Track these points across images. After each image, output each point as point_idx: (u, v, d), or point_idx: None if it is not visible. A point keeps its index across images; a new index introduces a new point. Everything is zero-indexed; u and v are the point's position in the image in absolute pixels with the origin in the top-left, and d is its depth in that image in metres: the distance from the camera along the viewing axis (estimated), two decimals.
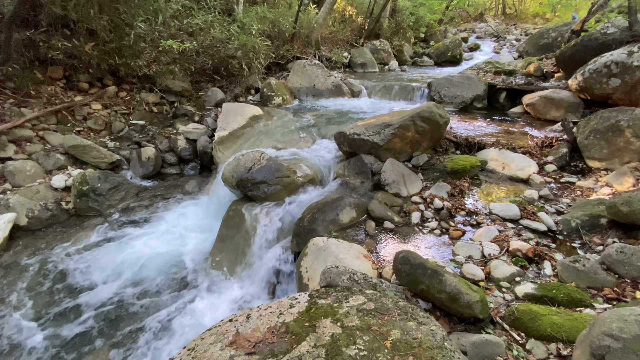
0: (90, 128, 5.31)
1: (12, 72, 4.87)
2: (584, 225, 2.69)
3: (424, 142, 3.84)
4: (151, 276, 3.39)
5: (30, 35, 4.95)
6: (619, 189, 3.14)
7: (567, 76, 5.72)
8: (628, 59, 4.34)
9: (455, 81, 6.29)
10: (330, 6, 9.33)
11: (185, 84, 6.56)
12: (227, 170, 3.63)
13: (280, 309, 1.76)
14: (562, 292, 2.03)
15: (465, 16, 21.76)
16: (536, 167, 3.68)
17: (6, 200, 3.83)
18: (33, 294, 3.17)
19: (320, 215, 2.98)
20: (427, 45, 13.67)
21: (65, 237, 3.89)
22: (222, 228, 3.56)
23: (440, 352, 1.41)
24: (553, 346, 1.73)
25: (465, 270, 2.31)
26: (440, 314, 1.97)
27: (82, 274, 3.40)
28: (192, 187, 4.99)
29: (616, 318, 1.33)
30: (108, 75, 6.05)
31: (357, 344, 1.44)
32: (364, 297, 1.78)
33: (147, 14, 5.36)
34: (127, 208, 4.48)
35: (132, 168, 5.05)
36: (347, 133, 3.84)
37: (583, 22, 6.98)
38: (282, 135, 4.95)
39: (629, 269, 2.13)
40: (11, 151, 4.39)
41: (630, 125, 3.51)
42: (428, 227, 2.89)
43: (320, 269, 2.34)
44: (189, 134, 5.44)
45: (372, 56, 9.92)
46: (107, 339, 2.77)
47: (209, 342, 1.58)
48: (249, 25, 6.79)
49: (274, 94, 6.59)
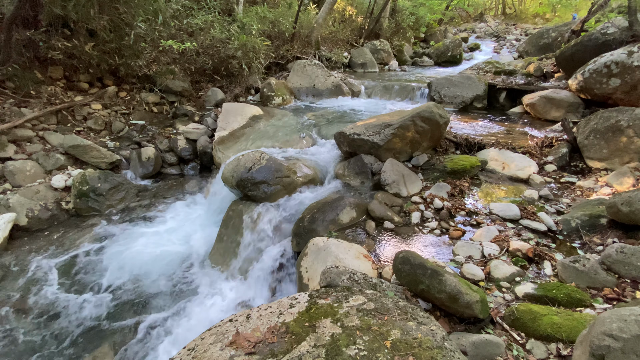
0: (90, 128, 5.31)
1: (12, 72, 4.87)
2: (584, 225, 2.69)
3: (424, 142, 3.84)
4: (151, 276, 3.39)
5: (30, 35, 4.95)
6: (619, 189, 3.14)
7: (567, 76, 5.72)
8: (628, 59, 4.34)
9: (455, 81, 6.29)
10: (330, 6, 9.34)
11: (185, 84, 6.56)
12: (227, 170, 3.63)
13: (280, 309, 1.76)
14: (562, 292, 2.03)
15: (465, 16, 21.77)
16: (536, 167, 3.68)
17: (6, 200, 3.83)
18: (33, 293, 3.17)
19: (320, 215, 2.98)
20: (427, 45, 13.68)
21: (65, 237, 3.89)
22: (222, 228, 3.56)
23: (440, 352, 1.41)
24: (553, 346, 1.73)
25: (465, 270, 2.31)
26: (440, 314, 1.97)
27: (82, 274, 3.41)
28: (192, 187, 4.99)
29: (616, 318, 1.33)
30: (108, 75, 6.05)
31: (357, 344, 1.44)
32: (364, 297, 1.78)
33: (147, 14, 5.37)
34: (127, 208, 4.48)
35: (132, 168, 5.05)
36: (347, 133, 3.84)
37: (583, 22, 6.98)
38: (282, 135, 4.95)
39: (629, 269, 2.13)
40: (11, 151, 4.39)
41: (630, 125, 3.51)
42: (428, 227, 2.89)
43: (320, 269, 2.34)
44: (189, 134, 5.44)
45: (372, 56, 9.92)
46: (107, 339, 2.77)
47: (209, 342, 1.58)
48: (249, 25, 6.79)
49: (274, 94, 6.59)
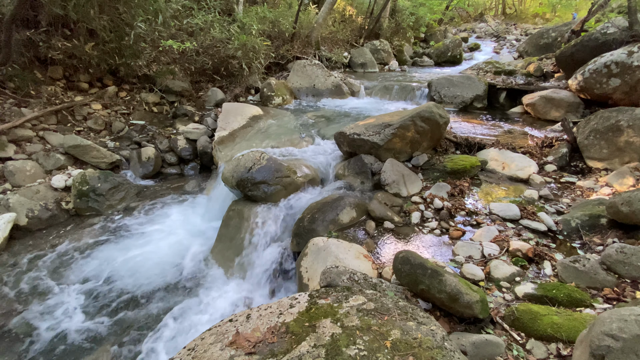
0: (90, 128, 5.31)
1: (12, 72, 4.88)
2: (584, 225, 2.69)
3: (424, 142, 3.84)
4: (151, 276, 3.39)
5: (30, 35, 4.95)
6: (619, 189, 3.14)
7: (567, 76, 5.72)
8: (628, 59, 4.34)
9: (455, 81, 6.29)
10: (330, 6, 9.33)
11: (185, 84, 6.55)
12: (227, 170, 3.63)
13: (280, 309, 1.76)
14: (562, 292, 2.03)
15: (465, 16, 21.78)
16: (536, 167, 3.68)
17: (6, 200, 3.83)
18: (33, 294, 3.17)
19: (320, 215, 2.98)
20: (427, 45, 13.68)
21: (65, 238, 3.89)
22: (222, 228, 3.56)
23: (440, 352, 1.41)
24: (553, 346, 1.73)
25: (465, 270, 2.31)
26: (440, 314, 1.97)
27: (82, 274, 3.41)
28: (192, 187, 5.00)
29: (616, 318, 1.33)
30: (108, 75, 6.05)
31: (357, 344, 1.44)
32: (364, 297, 1.78)
33: (147, 14, 5.36)
34: (127, 208, 4.48)
35: (132, 168, 5.05)
36: (347, 133, 3.84)
37: (583, 22, 6.98)
38: (282, 135, 4.95)
39: (629, 269, 2.12)
40: (11, 151, 4.39)
41: (630, 125, 3.51)
42: (428, 227, 2.89)
43: (320, 269, 2.34)
44: (189, 134, 5.44)
45: (372, 56, 9.92)
46: (107, 339, 2.77)
47: (209, 342, 1.58)
48: (249, 25, 6.79)
49: (274, 94, 6.59)
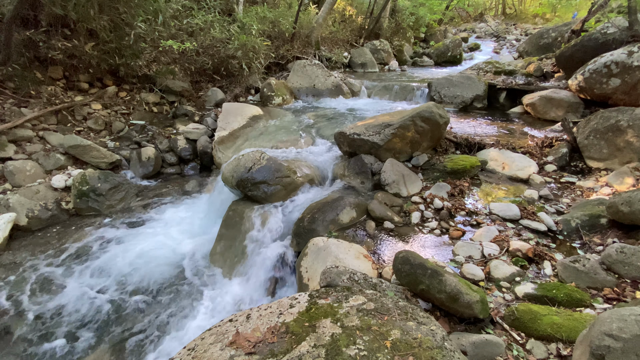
0: (90, 128, 5.31)
1: (12, 72, 4.87)
2: (584, 225, 2.69)
3: (424, 142, 3.84)
4: (151, 276, 3.38)
5: (30, 35, 4.95)
6: (619, 189, 3.14)
7: (567, 76, 5.72)
8: (628, 59, 4.34)
9: (455, 81, 6.29)
10: (330, 6, 9.33)
11: (185, 84, 6.55)
12: (227, 170, 3.63)
13: (280, 309, 1.76)
14: (562, 292, 2.03)
15: (465, 16, 21.78)
16: (536, 167, 3.68)
17: (6, 200, 3.83)
18: (33, 294, 3.17)
19: (320, 215, 2.98)
20: (427, 45, 13.68)
21: (65, 238, 3.89)
22: (222, 228, 3.56)
23: (440, 352, 1.41)
24: (553, 346, 1.73)
25: (465, 270, 2.31)
26: (440, 314, 1.97)
27: (82, 274, 3.41)
28: (192, 187, 4.99)
29: (616, 318, 1.33)
30: (108, 75, 6.05)
31: (357, 344, 1.44)
32: (364, 297, 1.78)
33: (147, 14, 5.36)
34: (127, 208, 4.48)
35: (132, 168, 5.05)
36: (347, 133, 3.84)
37: (583, 22, 6.98)
38: (282, 135, 4.95)
39: (629, 269, 2.13)
40: (11, 151, 4.38)
41: (630, 125, 3.51)
42: (428, 227, 2.89)
43: (320, 269, 2.34)
44: (189, 134, 5.44)
45: (372, 56, 9.92)
46: (107, 340, 2.77)
47: (209, 342, 1.58)
48: (249, 25, 6.79)
49: (274, 94, 6.59)
